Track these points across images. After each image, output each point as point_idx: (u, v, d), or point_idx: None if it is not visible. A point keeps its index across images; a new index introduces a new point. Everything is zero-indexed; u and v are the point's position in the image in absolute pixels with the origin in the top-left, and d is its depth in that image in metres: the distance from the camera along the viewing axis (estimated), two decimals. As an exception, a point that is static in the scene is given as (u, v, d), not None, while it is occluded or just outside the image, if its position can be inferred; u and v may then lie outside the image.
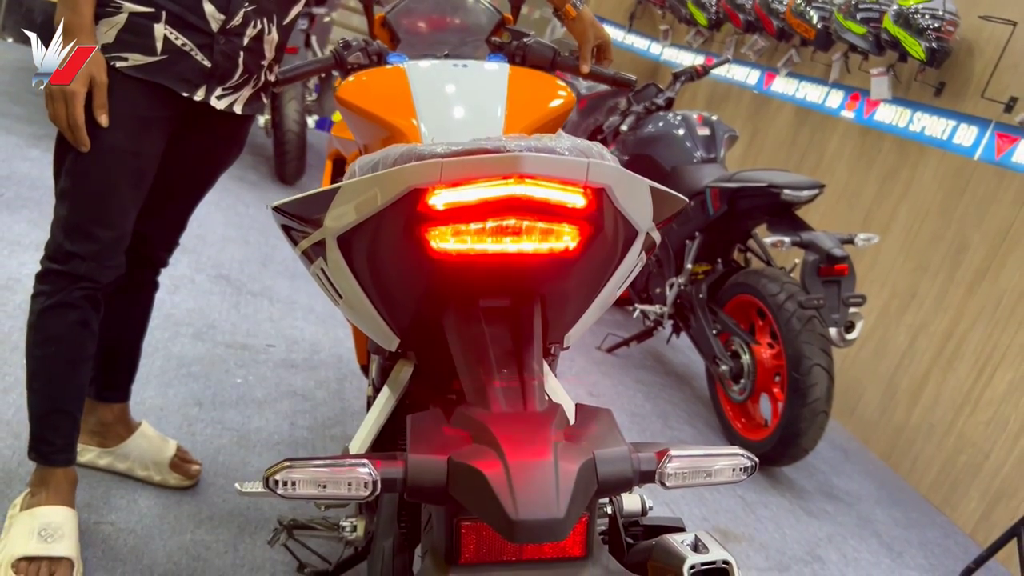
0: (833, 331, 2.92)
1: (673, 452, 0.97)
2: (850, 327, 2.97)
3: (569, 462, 0.90)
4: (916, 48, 3.64)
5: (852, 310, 2.96)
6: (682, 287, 3.47)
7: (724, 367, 3.22)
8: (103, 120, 1.50)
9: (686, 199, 1.14)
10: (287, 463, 0.88)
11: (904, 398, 3.66)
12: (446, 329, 1.09)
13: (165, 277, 1.97)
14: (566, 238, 1.01)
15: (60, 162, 1.59)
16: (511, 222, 0.97)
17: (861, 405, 3.88)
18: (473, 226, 0.98)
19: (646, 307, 3.68)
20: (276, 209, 1.08)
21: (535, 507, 0.85)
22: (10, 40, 6.01)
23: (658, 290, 3.66)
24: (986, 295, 3.40)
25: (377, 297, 1.11)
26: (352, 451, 1.25)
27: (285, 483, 0.88)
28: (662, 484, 0.96)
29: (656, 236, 1.15)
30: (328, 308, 3.27)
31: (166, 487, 2.00)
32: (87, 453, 1.96)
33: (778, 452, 3.01)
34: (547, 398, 1.07)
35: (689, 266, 3.44)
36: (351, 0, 8.29)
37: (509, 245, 0.99)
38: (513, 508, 0.84)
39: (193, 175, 1.79)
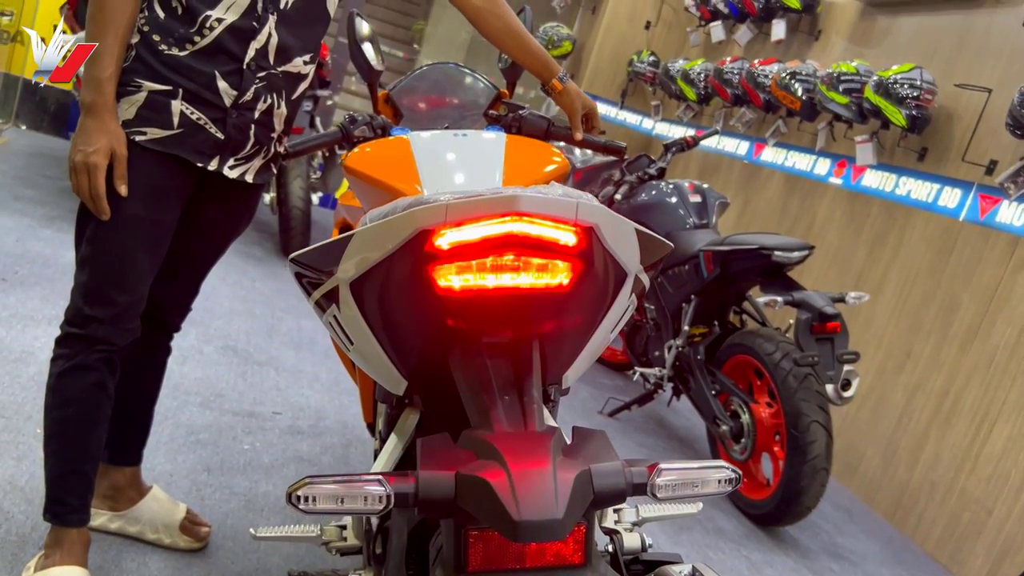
0: (830, 388, 2.97)
1: (663, 466, 1.04)
2: (846, 385, 3.02)
3: (567, 471, 0.98)
4: (897, 116, 3.79)
5: (847, 368, 3.01)
6: (680, 349, 3.53)
7: (724, 427, 3.26)
8: (123, 190, 1.59)
9: (670, 244, 1.23)
10: (308, 480, 0.95)
11: (905, 457, 3.69)
12: (451, 364, 1.17)
13: (174, 348, 2.04)
14: (560, 275, 1.09)
15: (81, 231, 1.68)
16: (510, 258, 1.06)
17: (863, 465, 3.90)
18: (476, 263, 1.06)
19: (646, 370, 3.74)
20: (293, 260, 1.17)
21: (536, 509, 0.92)
22: (23, 127, 6.21)
23: (657, 353, 3.72)
24: (979, 352, 3.46)
25: (386, 339, 1.19)
26: None
27: (306, 498, 0.94)
28: (653, 496, 1.03)
29: (645, 280, 1.23)
30: (333, 376, 3.33)
31: (176, 550, 2.03)
32: (99, 517, 1.99)
33: (781, 511, 3.03)
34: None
35: (686, 328, 3.51)
36: (353, 85, 8.59)
37: (508, 280, 1.07)
38: (516, 510, 0.91)
39: (206, 242, 1.88)
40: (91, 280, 1.65)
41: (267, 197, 5.16)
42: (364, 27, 2.00)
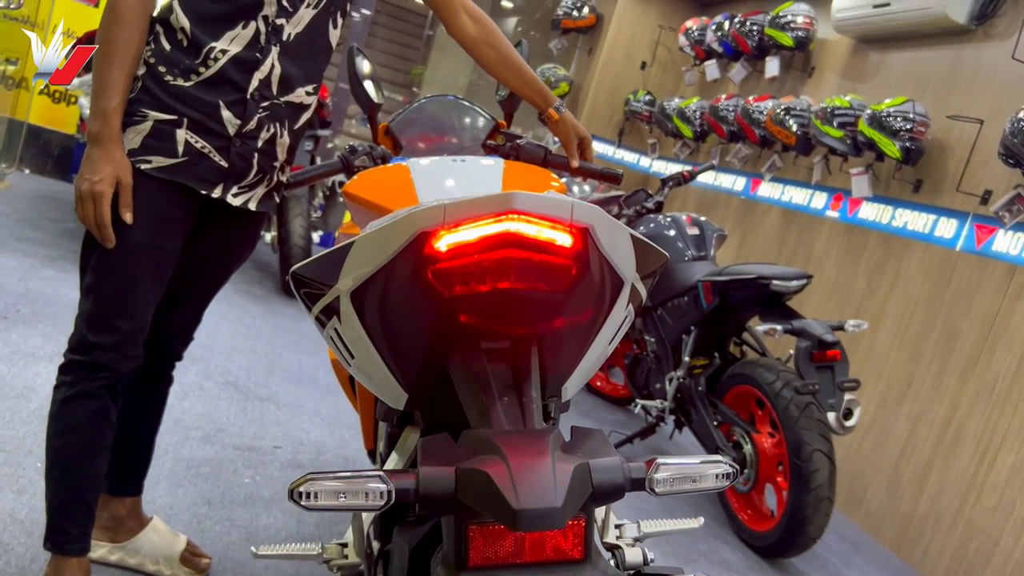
0: (831, 417, 2.97)
1: (660, 461, 1.05)
2: (848, 414, 3.02)
3: (565, 463, 0.99)
4: (891, 148, 3.84)
5: (848, 396, 3.01)
6: (681, 381, 3.53)
7: (727, 458, 3.24)
8: (128, 218, 1.61)
9: (666, 253, 1.24)
10: (309, 476, 0.96)
11: (909, 488, 3.66)
12: (451, 370, 1.18)
13: (174, 384, 2.05)
14: (557, 277, 1.11)
15: (86, 261, 1.69)
16: (507, 259, 1.07)
17: (867, 497, 3.87)
18: (474, 264, 1.08)
19: (647, 403, 3.73)
20: (294, 273, 1.18)
21: (535, 497, 0.93)
22: (27, 171, 6.28)
23: (658, 385, 3.72)
24: (980, 381, 3.46)
25: (387, 349, 1.20)
26: None
27: (308, 495, 0.95)
28: (652, 491, 1.04)
29: (642, 291, 1.24)
30: (333, 411, 3.32)
31: (176, 581, 2.02)
32: (99, 549, 1.98)
33: (786, 542, 3.01)
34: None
35: (687, 359, 3.51)
36: (353, 127, 8.69)
37: (506, 281, 1.09)
38: (515, 499, 0.92)
39: (209, 270, 1.89)
40: (95, 307, 1.67)
41: (268, 236, 5.20)
42: (365, 65, 2.04)
